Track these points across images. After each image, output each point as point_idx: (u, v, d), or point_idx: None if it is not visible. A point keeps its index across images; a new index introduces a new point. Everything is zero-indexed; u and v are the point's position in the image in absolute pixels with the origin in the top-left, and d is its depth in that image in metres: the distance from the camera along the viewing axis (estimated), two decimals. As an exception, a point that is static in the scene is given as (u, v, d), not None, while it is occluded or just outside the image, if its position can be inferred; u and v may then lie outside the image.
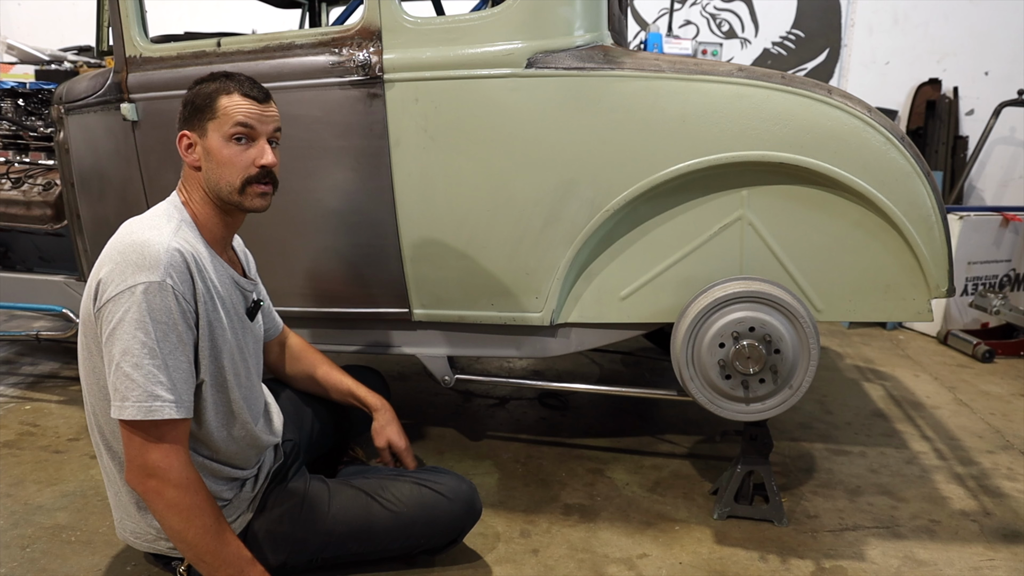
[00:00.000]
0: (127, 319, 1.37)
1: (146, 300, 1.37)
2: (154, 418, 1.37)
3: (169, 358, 1.40)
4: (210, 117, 1.54)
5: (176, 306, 1.40)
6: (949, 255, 1.87)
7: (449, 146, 1.93)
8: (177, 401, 1.40)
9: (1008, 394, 3.12)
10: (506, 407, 2.86)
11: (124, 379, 1.38)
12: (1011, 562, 1.89)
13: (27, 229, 2.75)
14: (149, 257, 1.39)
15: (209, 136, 1.54)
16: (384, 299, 2.11)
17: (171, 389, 1.40)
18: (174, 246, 1.43)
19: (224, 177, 1.55)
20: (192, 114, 1.56)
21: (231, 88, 1.55)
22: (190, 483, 1.42)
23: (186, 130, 1.56)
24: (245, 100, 1.55)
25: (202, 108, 1.54)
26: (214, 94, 1.54)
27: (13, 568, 1.78)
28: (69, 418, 2.65)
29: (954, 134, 4.85)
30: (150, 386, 1.38)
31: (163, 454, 1.40)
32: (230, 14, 5.24)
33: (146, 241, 1.42)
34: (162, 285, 1.38)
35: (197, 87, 1.57)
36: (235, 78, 1.57)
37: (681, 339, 1.89)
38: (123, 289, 1.38)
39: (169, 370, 1.40)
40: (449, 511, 1.73)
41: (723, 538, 1.97)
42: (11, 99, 3.02)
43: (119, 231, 1.50)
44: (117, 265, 1.40)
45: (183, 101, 1.57)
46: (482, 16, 1.87)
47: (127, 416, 1.38)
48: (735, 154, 1.83)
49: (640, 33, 5.09)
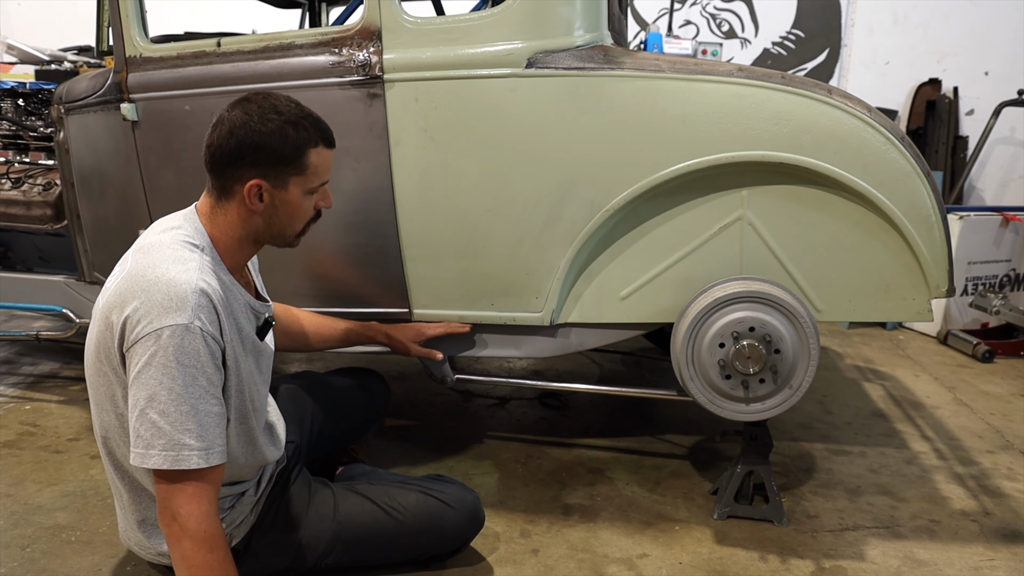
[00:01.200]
0: (154, 363, 1.32)
1: (172, 344, 1.32)
2: (181, 467, 1.33)
3: (200, 403, 1.35)
4: (296, 172, 1.45)
5: (204, 348, 1.35)
6: (949, 255, 1.87)
7: (449, 146, 1.93)
8: (207, 448, 1.35)
9: (1008, 394, 3.12)
10: (506, 407, 2.86)
11: (150, 427, 1.33)
12: (1011, 562, 1.89)
13: (27, 229, 2.75)
14: (176, 298, 1.33)
15: (290, 190, 1.46)
16: (384, 299, 2.11)
17: (200, 436, 1.34)
18: (201, 286, 1.36)
19: (291, 226, 1.51)
20: (273, 164, 1.43)
21: (317, 140, 1.46)
22: (207, 538, 1.36)
23: (261, 179, 1.44)
24: (328, 152, 1.50)
25: (288, 161, 1.44)
26: (303, 147, 1.44)
27: (13, 568, 1.78)
28: (69, 418, 2.64)
29: (954, 134, 4.85)
30: (177, 434, 1.32)
31: (186, 501, 1.35)
32: (230, 14, 5.24)
33: (172, 280, 1.35)
34: (190, 328, 1.32)
35: (277, 132, 1.42)
36: (317, 124, 1.47)
37: (681, 339, 1.89)
38: (149, 332, 1.32)
39: (199, 415, 1.34)
40: (454, 521, 1.73)
41: (723, 538, 1.97)
42: (11, 99, 3.02)
43: (142, 258, 1.41)
44: (143, 304, 1.34)
45: (254, 143, 1.41)
46: (482, 16, 1.87)
47: (151, 465, 1.33)
48: (735, 154, 1.83)
49: (640, 33, 5.09)
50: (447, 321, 2.01)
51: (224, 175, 1.45)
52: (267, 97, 1.45)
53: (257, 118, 1.42)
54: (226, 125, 1.43)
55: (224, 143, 1.42)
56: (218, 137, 1.43)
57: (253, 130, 1.41)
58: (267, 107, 1.43)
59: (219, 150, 1.43)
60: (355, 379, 2.20)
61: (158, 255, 1.40)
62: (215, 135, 1.43)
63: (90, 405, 1.54)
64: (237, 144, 1.41)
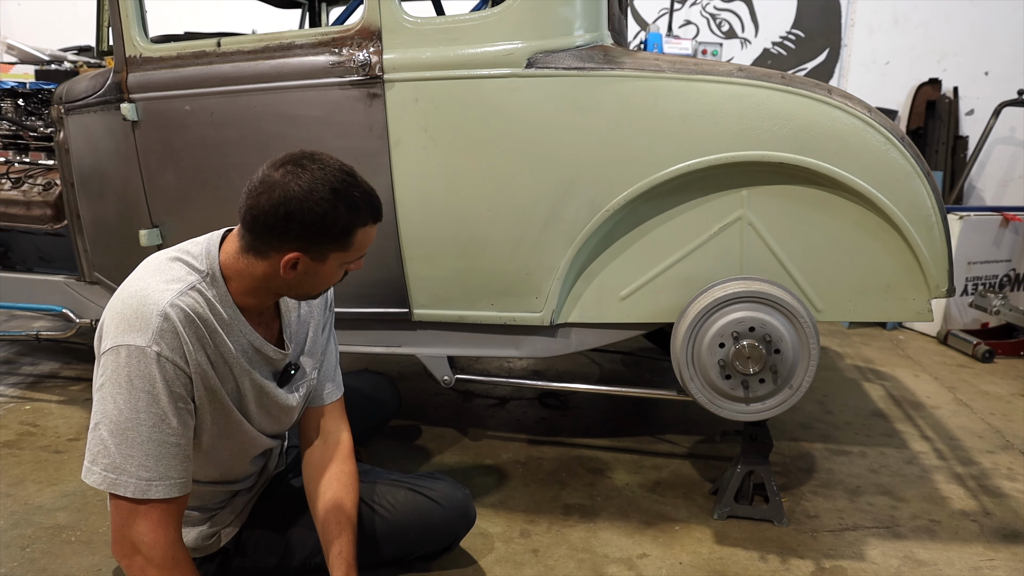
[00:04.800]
0: (110, 381, 1.29)
1: (129, 365, 1.27)
2: (117, 492, 1.28)
3: (152, 432, 1.29)
4: (339, 249, 1.37)
5: (160, 374, 1.28)
6: (949, 255, 1.87)
7: (449, 146, 1.93)
8: (150, 479, 1.29)
9: (1008, 394, 3.12)
10: (506, 407, 2.86)
11: (98, 442, 1.29)
12: (1011, 562, 1.89)
13: (27, 229, 2.75)
14: (141, 318, 1.29)
15: (328, 263, 1.39)
16: (384, 299, 2.11)
17: (143, 466, 1.28)
18: (167, 310, 1.30)
19: (317, 290, 1.45)
20: (317, 239, 1.34)
21: (367, 219, 1.38)
22: (176, 564, 1.31)
23: (300, 252, 1.35)
24: (375, 227, 1.42)
25: (334, 239, 1.35)
26: (351, 227, 1.36)
27: (13, 568, 1.78)
28: (69, 418, 2.64)
29: (954, 134, 4.85)
30: (119, 457, 1.28)
31: (150, 529, 1.30)
32: (230, 14, 5.24)
33: (145, 298, 1.30)
34: (146, 352, 1.27)
35: (330, 213, 1.32)
36: (370, 202, 1.38)
37: (681, 339, 1.89)
38: (111, 347, 1.29)
39: (145, 444, 1.29)
40: (443, 519, 1.71)
41: (723, 538, 1.97)
42: (11, 99, 3.02)
43: (138, 268, 1.39)
44: (113, 317, 1.31)
45: (304, 220, 1.31)
46: (482, 16, 1.87)
47: (91, 482, 1.29)
48: (735, 154, 1.83)
49: (640, 33, 5.09)
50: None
51: (263, 240, 1.35)
52: (322, 168, 1.33)
53: (310, 193, 1.31)
54: (276, 193, 1.30)
55: (271, 212, 1.31)
56: (266, 203, 1.31)
57: (304, 207, 1.30)
58: (321, 182, 1.32)
59: (264, 217, 1.32)
60: (366, 383, 2.20)
61: (147, 268, 1.38)
62: (263, 200, 1.31)
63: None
64: (285, 216, 1.31)
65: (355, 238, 1.38)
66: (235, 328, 1.42)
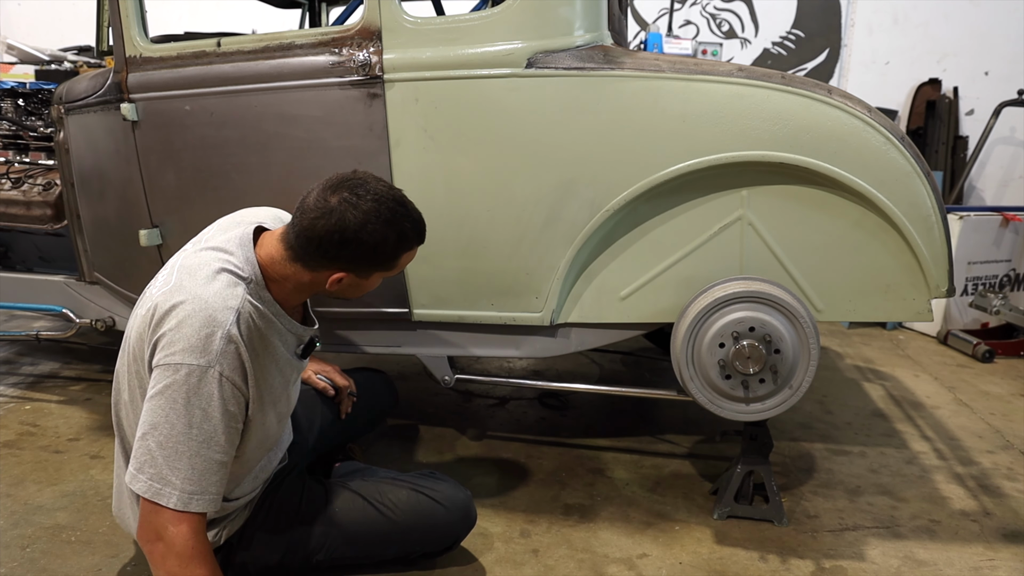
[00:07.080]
0: (166, 395, 1.33)
1: (189, 383, 1.32)
2: (159, 502, 1.33)
3: (202, 448, 1.34)
4: (384, 268, 1.48)
5: (219, 393, 1.35)
6: (949, 255, 1.87)
7: (449, 146, 1.93)
8: (193, 493, 1.34)
9: (1008, 394, 3.12)
10: (506, 407, 2.86)
11: (145, 452, 1.34)
12: (1011, 562, 1.89)
13: (27, 229, 2.74)
14: (204, 338, 1.33)
15: (371, 279, 1.50)
16: (384, 299, 2.11)
17: (188, 479, 1.34)
18: (232, 331, 1.36)
19: (356, 296, 1.55)
20: (364, 260, 1.44)
21: (414, 243, 1.49)
22: (196, 554, 1.35)
23: (348, 272, 1.45)
24: (418, 247, 1.52)
25: (381, 263, 1.46)
26: (398, 250, 1.46)
27: (13, 568, 1.78)
28: (69, 418, 2.64)
29: (954, 134, 4.85)
30: (166, 469, 1.33)
31: (175, 521, 1.34)
32: (230, 14, 5.24)
33: (208, 318, 1.34)
34: (208, 372, 1.33)
35: (381, 243, 1.41)
36: (417, 227, 1.48)
37: (681, 339, 1.89)
38: (171, 363, 1.33)
39: (194, 459, 1.34)
40: (445, 519, 1.73)
41: (723, 538, 1.97)
42: (11, 99, 3.02)
43: (187, 280, 1.40)
44: (173, 332, 1.35)
45: (357, 247, 1.40)
46: (482, 16, 1.87)
47: (136, 489, 1.34)
48: (735, 154, 1.83)
49: (640, 33, 5.09)
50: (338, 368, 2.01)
51: (314, 258, 1.43)
52: (376, 200, 1.40)
53: (364, 225, 1.38)
54: (332, 220, 1.37)
55: (327, 238, 1.38)
56: (322, 229, 1.38)
57: (359, 239, 1.39)
58: (375, 214, 1.39)
59: (319, 241, 1.39)
60: (363, 380, 2.20)
61: (204, 285, 1.39)
62: (319, 224, 1.38)
63: (113, 385, 1.55)
64: (340, 244, 1.39)
65: (400, 260, 1.50)
66: (282, 328, 1.50)
